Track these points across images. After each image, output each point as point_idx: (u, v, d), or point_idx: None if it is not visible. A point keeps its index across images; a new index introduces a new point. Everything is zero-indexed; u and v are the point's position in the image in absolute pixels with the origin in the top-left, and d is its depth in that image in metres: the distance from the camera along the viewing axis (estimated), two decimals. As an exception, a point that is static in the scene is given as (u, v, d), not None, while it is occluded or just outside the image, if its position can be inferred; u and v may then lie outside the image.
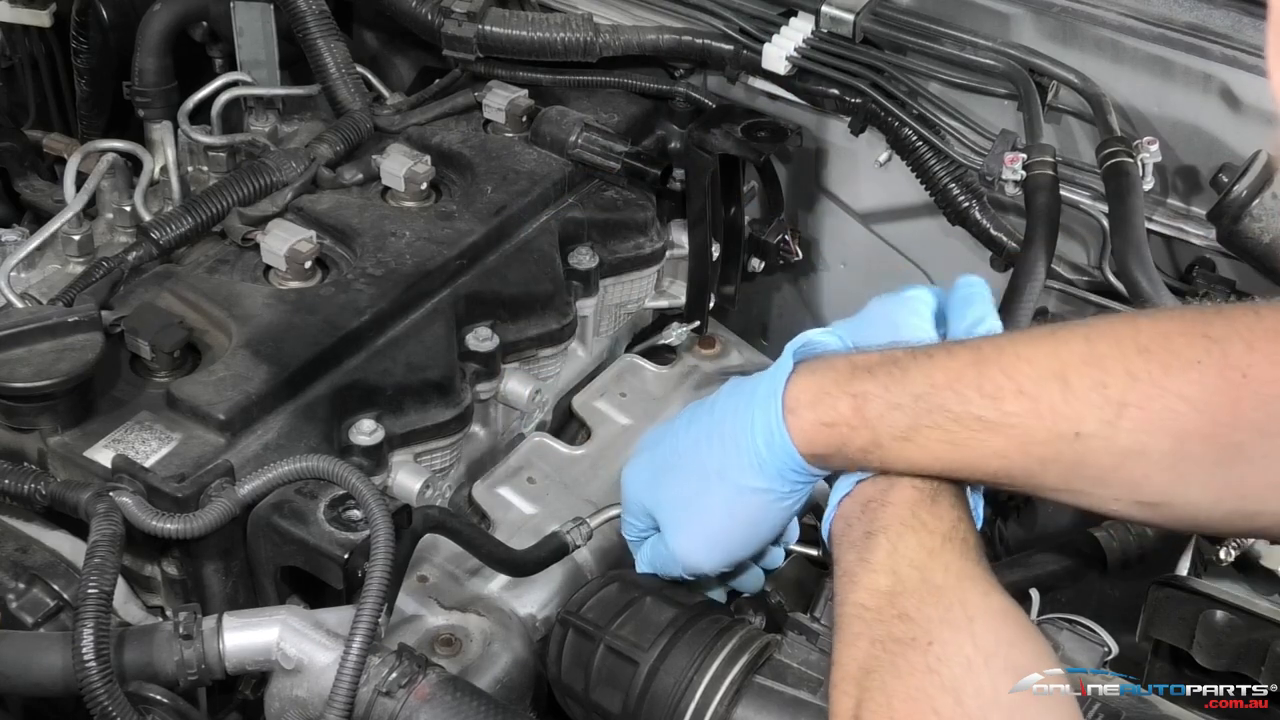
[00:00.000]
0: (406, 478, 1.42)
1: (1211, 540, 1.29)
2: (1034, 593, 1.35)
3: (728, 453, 1.13)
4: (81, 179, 1.63)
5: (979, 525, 1.08)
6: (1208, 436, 0.99)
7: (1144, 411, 0.99)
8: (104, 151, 1.67)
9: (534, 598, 1.42)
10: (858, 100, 1.66)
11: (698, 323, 1.73)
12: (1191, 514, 1.04)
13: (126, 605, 1.32)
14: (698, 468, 1.15)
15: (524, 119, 1.72)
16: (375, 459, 1.39)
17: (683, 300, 1.75)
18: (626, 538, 1.28)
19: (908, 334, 1.15)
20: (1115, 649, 1.26)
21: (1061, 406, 1.01)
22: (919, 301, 1.19)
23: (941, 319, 1.19)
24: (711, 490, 1.15)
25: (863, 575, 1.03)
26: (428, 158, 1.62)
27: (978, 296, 1.17)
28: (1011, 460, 1.04)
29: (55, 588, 1.24)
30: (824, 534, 1.12)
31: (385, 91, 1.88)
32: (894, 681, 0.96)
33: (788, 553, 1.29)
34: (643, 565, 1.26)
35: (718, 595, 1.30)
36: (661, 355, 1.74)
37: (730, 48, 1.72)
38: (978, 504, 1.10)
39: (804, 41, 1.67)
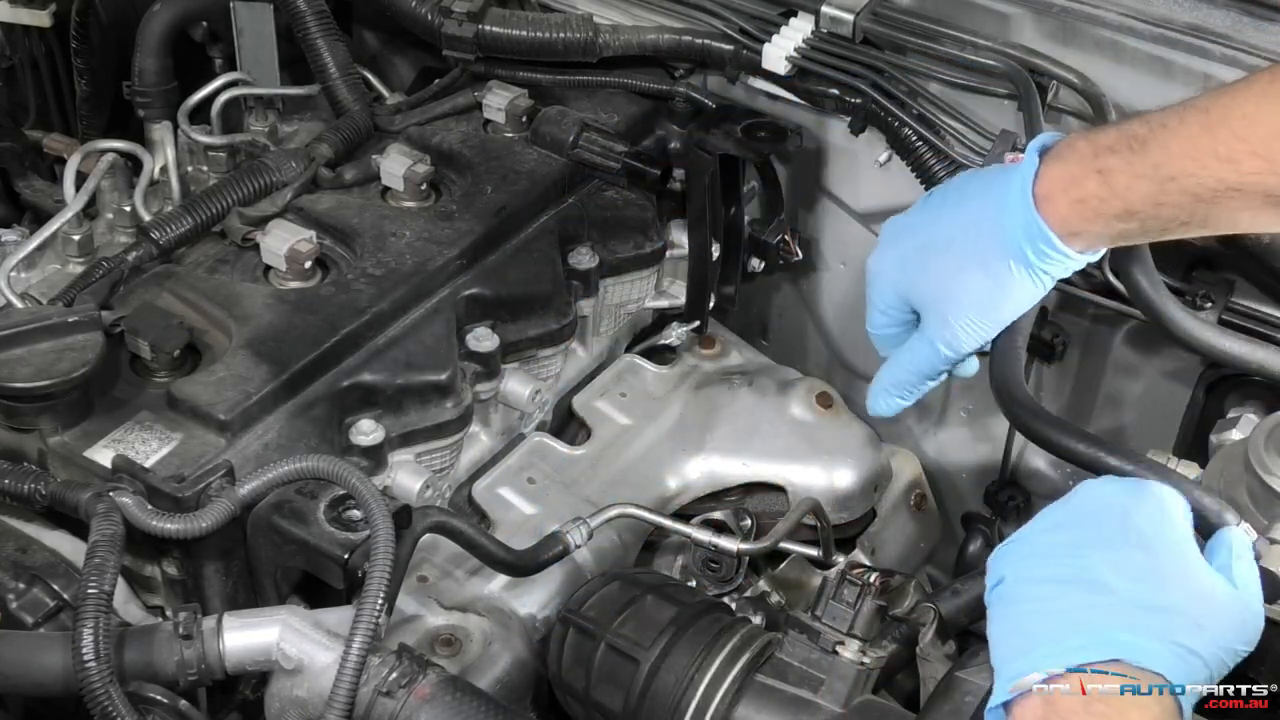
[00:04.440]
0: (406, 478, 1.42)
1: (1211, 540, 1.29)
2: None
3: (987, 246, 1.23)
4: (81, 179, 1.63)
5: None
6: None
7: None
8: (104, 151, 1.67)
9: (534, 598, 1.42)
10: (858, 100, 1.66)
11: (698, 323, 1.73)
12: None
13: (127, 605, 1.32)
14: (956, 260, 1.26)
15: (524, 119, 1.72)
16: (375, 459, 1.39)
17: (683, 300, 1.75)
18: (872, 332, 1.34)
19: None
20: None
21: None
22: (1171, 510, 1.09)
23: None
24: (972, 281, 1.25)
25: None
26: (428, 158, 1.62)
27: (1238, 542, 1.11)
28: (1250, 206, 1.16)
29: (55, 588, 1.24)
30: None
31: (385, 91, 1.89)
32: None
33: None
34: (897, 359, 1.32)
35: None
36: (662, 355, 1.74)
37: (730, 48, 1.72)
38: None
39: (804, 42, 1.67)
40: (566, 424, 1.68)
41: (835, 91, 1.68)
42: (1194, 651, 0.99)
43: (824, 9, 1.66)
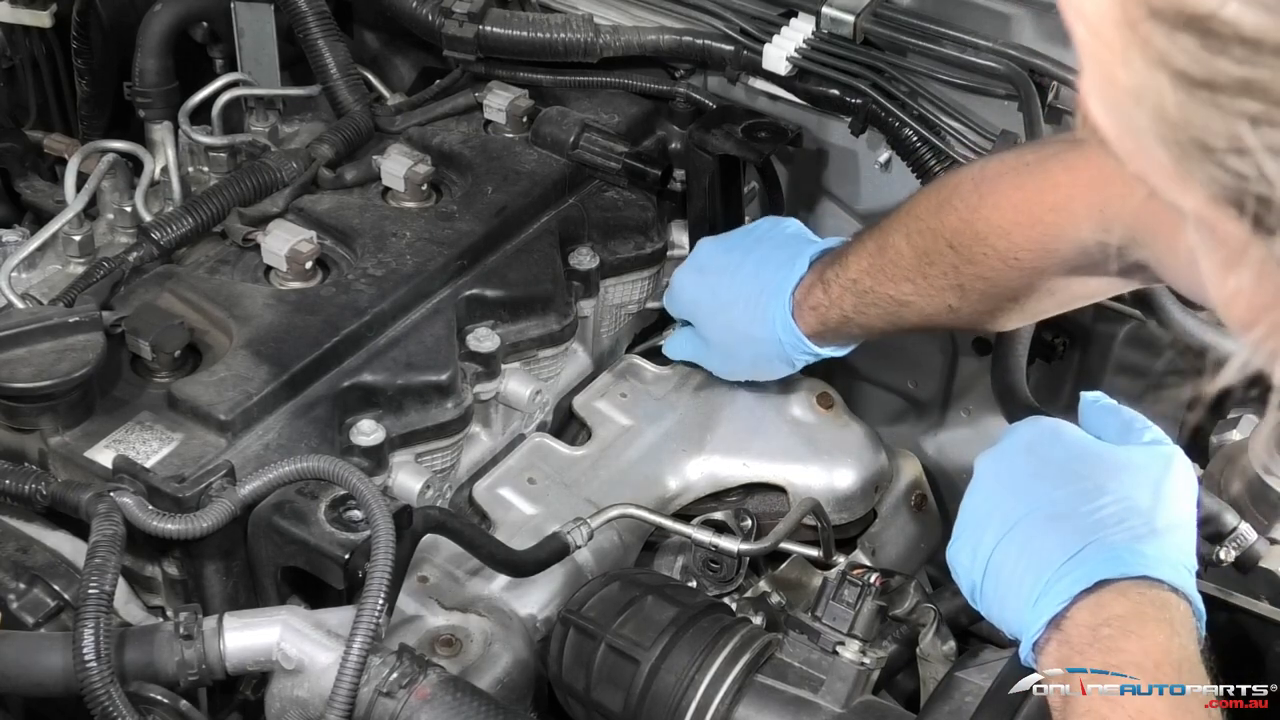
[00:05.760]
0: (407, 478, 1.42)
1: (1211, 540, 1.29)
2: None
3: (758, 334, 1.50)
4: (82, 179, 1.63)
5: None
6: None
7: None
8: (104, 152, 1.66)
9: (534, 598, 1.42)
10: (858, 101, 1.66)
11: (698, 323, 1.73)
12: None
13: (127, 605, 1.32)
14: (732, 329, 1.53)
15: (524, 119, 1.72)
16: (376, 459, 1.39)
17: (683, 301, 1.75)
18: (669, 310, 1.66)
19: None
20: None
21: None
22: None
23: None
24: (741, 353, 1.55)
25: None
26: (428, 158, 1.62)
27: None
28: (924, 319, 1.40)
29: (56, 588, 1.25)
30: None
31: (386, 92, 1.88)
32: None
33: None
34: (671, 342, 1.66)
35: None
36: (662, 356, 1.74)
37: (730, 48, 1.71)
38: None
39: (804, 42, 1.67)
40: (567, 424, 1.68)
41: (836, 92, 1.67)
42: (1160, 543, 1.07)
43: (825, 10, 1.66)
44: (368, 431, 1.39)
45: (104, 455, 1.30)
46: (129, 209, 1.64)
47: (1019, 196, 1.29)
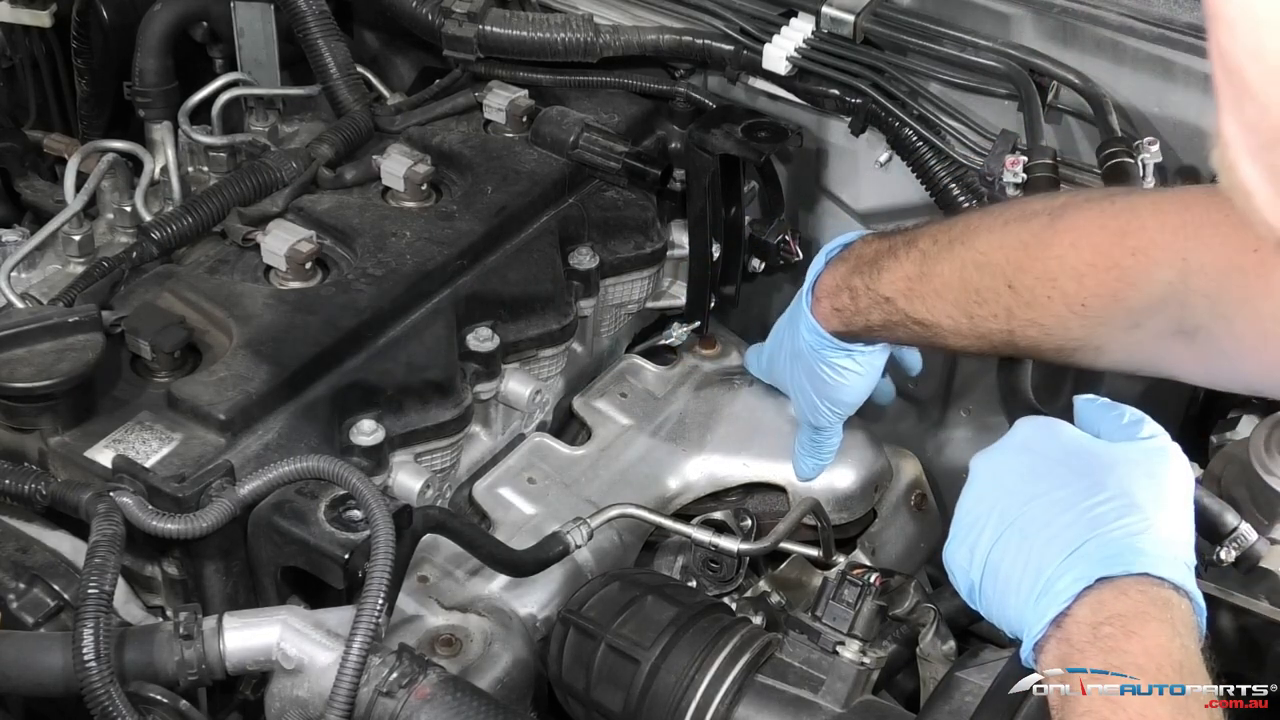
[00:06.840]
0: (407, 478, 1.42)
1: (1211, 540, 1.29)
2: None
3: (799, 349, 1.49)
4: (82, 179, 1.63)
5: None
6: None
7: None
8: (104, 152, 1.67)
9: (534, 598, 1.42)
10: (858, 100, 1.66)
11: (698, 323, 1.73)
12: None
13: (127, 605, 1.32)
14: (789, 362, 1.54)
15: (524, 119, 1.72)
16: (375, 459, 1.39)
17: (683, 300, 1.75)
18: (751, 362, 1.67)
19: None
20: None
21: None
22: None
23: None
24: (801, 380, 1.52)
25: None
26: (428, 158, 1.62)
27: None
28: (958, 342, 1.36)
29: (56, 588, 1.25)
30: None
31: (385, 92, 1.89)
32: None
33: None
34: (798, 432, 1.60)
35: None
36: (662, 355, 1.74)
37: (731, 48, 1.72)
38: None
39: (804, 42, 1.67)
40: (567, 424, 1.68)
41: (836, 92, 1.68)
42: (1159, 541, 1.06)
43: (825, 9, 1.66)
44: (368, 431, 1.39)
45: (104, 455, 1.30)
46: (129, 209, 1.64)
47: (1101, 237, 1.23)
